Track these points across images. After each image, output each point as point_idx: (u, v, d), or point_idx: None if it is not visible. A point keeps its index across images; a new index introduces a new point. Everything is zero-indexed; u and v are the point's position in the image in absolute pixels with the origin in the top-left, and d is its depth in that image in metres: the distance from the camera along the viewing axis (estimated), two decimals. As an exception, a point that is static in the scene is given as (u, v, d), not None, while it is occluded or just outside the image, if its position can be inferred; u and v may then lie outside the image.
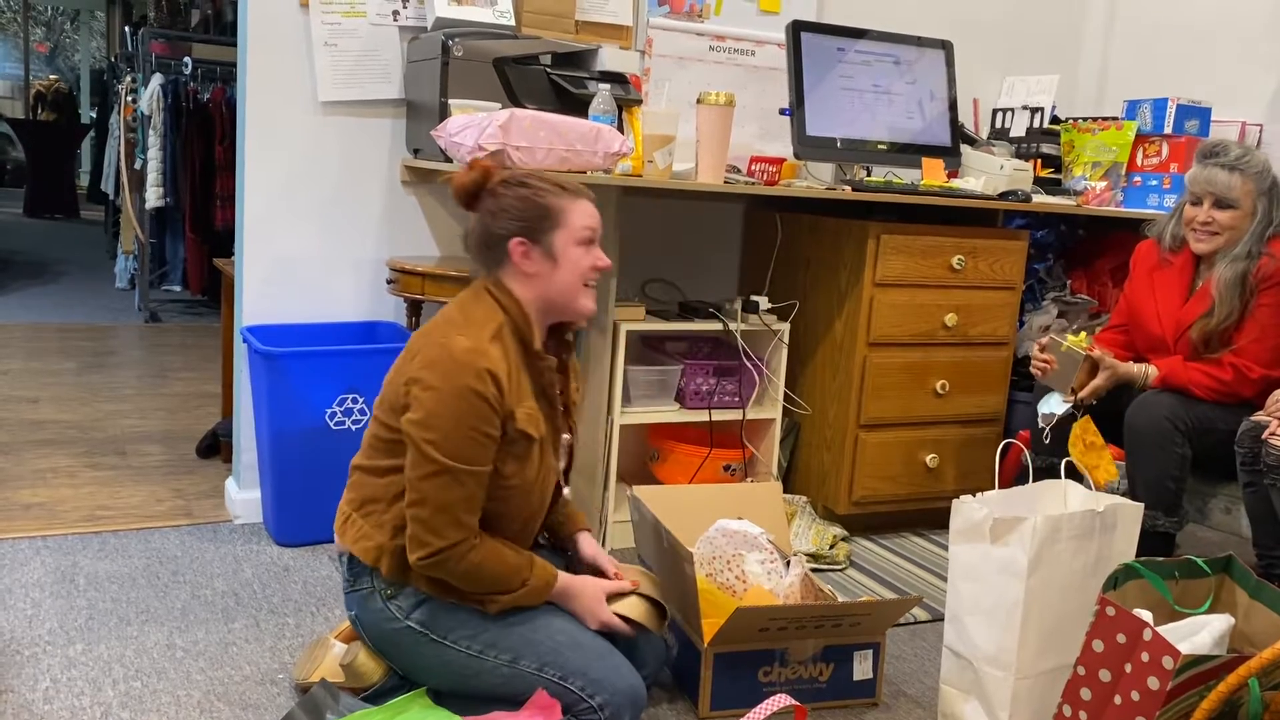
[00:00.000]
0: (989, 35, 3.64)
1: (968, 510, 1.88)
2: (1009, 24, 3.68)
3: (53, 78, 12.10)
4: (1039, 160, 3.38)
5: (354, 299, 2.85)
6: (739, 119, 3.02)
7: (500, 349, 1.73)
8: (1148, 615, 1.55)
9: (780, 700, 1.47)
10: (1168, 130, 3.23)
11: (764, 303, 2.88)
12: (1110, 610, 1.58)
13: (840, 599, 2.05)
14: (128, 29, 6.83)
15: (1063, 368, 2.54)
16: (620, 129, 2.56)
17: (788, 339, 2.90)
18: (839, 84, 2.97)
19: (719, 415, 2.84)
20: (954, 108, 3.15)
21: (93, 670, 1.99)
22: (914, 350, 2.93)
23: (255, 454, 2.78)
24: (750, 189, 2.70)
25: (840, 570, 2.74)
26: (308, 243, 2.78)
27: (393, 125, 2.81)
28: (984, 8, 3.62)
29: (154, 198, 5.44)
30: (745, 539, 2.19)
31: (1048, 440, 2.63)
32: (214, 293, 5.85)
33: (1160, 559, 1.75)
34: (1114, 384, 2.53)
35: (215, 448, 3.35)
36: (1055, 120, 3.46)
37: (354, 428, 2.62)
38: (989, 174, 3.08)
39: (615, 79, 2.61)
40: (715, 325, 2.80)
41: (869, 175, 3.05)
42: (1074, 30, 3.84)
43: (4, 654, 2.03)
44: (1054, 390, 2.60)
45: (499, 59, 2.50)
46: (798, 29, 2.92)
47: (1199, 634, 1.60)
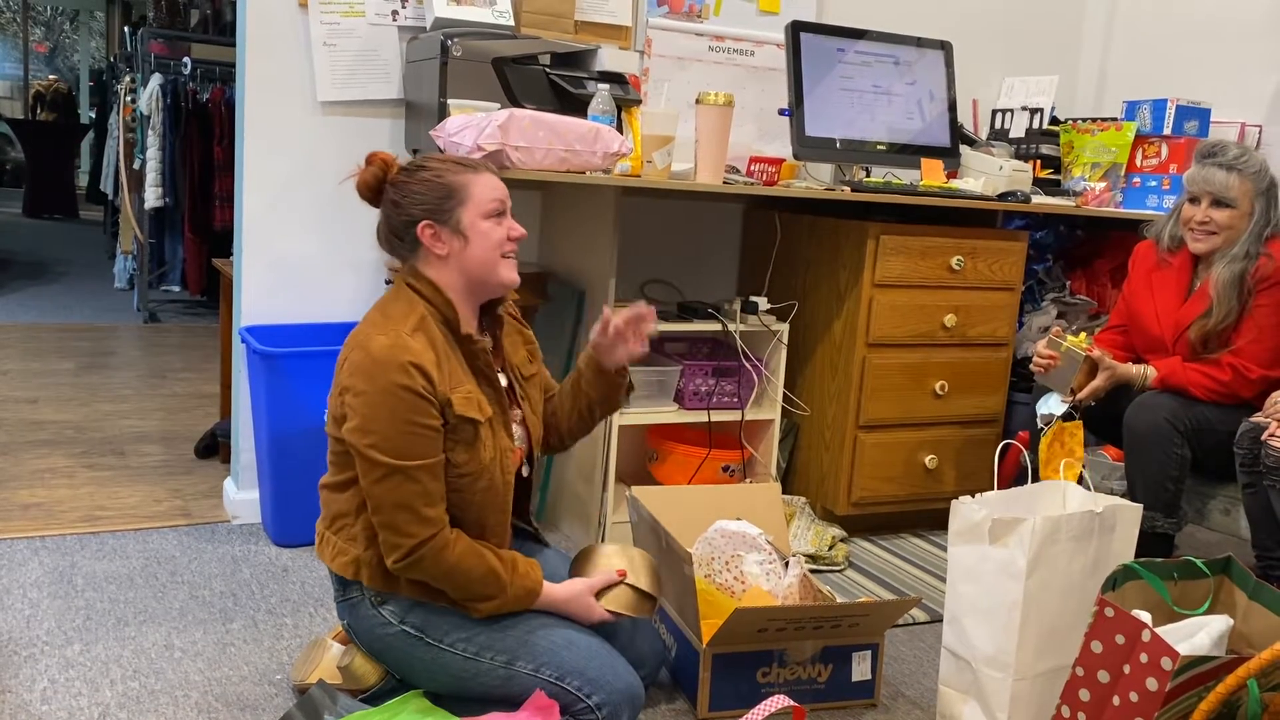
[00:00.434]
0: (988, 36, 3.64)
1: (966, 511, 1.88)
2: (1008, 25, 3.68)
3: (52, 78, 12.11)
4: (1038, 161, 3.38)
5: (353, 299, 2.85)
6: (738, 119, 3.02)
7: (423, 339, 1.72)
8: (1146, 616, 1.54)
9: (779, 701, 1.47)
10: (1167, 131, 3.23)
11: (763, 303, 2.88)
12: (1109, 611, 1.58)
13: (839, 600, 2.05)
14: (127, 29, 6.84)
15: (1062, 368, 2.54)
16: (619, 129, 2.56)
17: (787, 339, 2.90)
18: (838, 84, 2.97)
19: (718, 416, 2.84)
20: (953, 108, 3.15)
21: (90, 671, 1.99)
22: (913, 351, 2.93)
23: (254, 454, 2.77)
24: (749, 189, 2.70)
25: (839, 571, 2.74)
26: (307, 243, 2.78)
27: (391, 125, 2.81)
28: (983, 9, 3.62)
29: (153, 198, 5.44)
30: (744, 540, 2.18)
31: (1047, 441, 2.63)
32: (213, 293, 5.85)
33: (1159, 560, 1.74)
34: (1113, 385, 2.53)
35: (214, 448, 3.34)
36: (1054, 121, 3.46)
37: (352, 428, 2.61)
38: (988, 175, 3.08)
39: (614, 79, 2.61)
40: (714, 326, 2.80)
41: (868, 176, 3.05)
42: (1073, 31, 3.84)
43: (2, 654, 2.02)
44: (1053, 391, 2.60)
45: (498, 59, 2.50)
46: (797, 29, 2.92)
47: (1197, 635, 1.60)
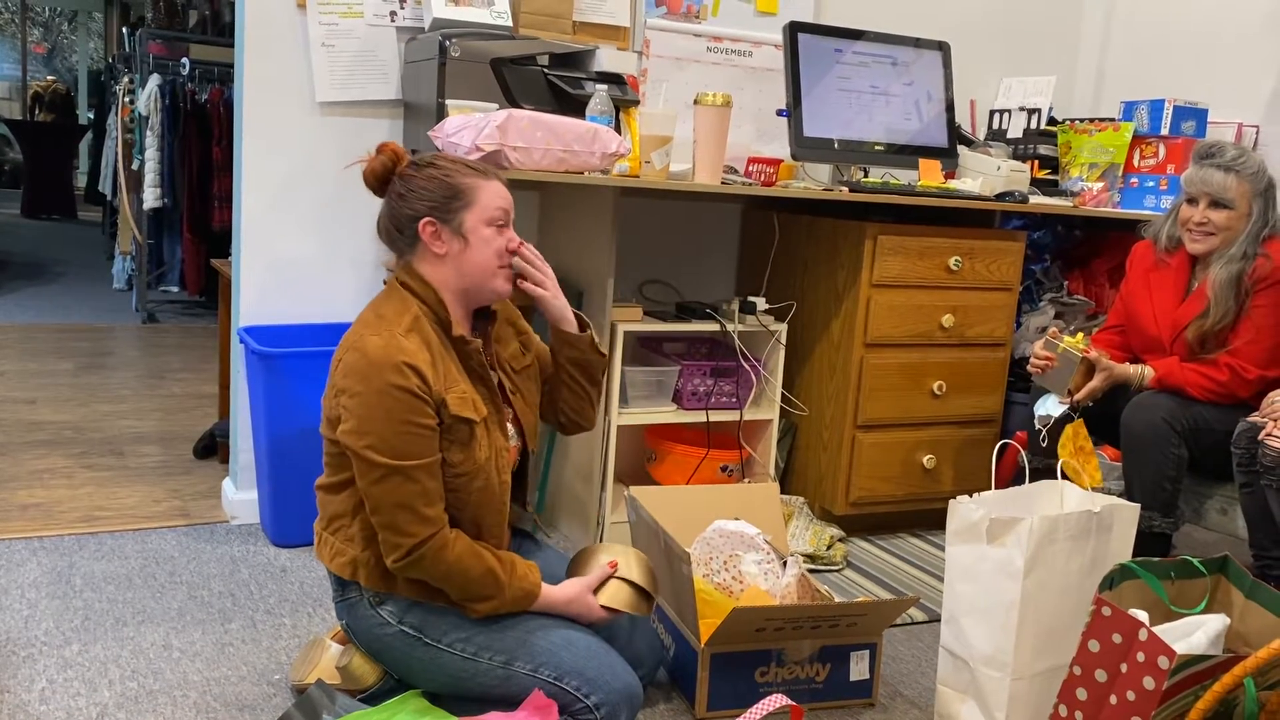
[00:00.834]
0: (986, 36, 3.64)
1: (964, 511, 1.88)
2: (1006, 25, 3.69)
3: (50, 78, 12.09)
4: (1036, 161, 3.38)
5: (351, 299, 2.85)
6: (736, 120, 3.02)
7: (417, 339, 1.71)
8: (1143, 615, 1.55)
9: (777, 700, 1.47)
10: (1164, 131, 3.23)
11: (761, 303, 2.88)
12: (1106, 610, 1.58)
13: (837, 599, 2.05)
14: (125, 30, 6.83)
15: (1059, 369, 2.54)
16: (617, 130, 2.56)
17: (785, 340, 2.91)
18: (836, 85, 2.98)
19: (716, 416, 2.84)
20: (951, 109, 3.16)
21: (89, 671, 1.99)
22: (911, 351, 2.93)
23: (252, 455, 2.77)
24: (747, 190, 2.71)
25: (837, 571, 2.74)
26: (305, 243, 2.78)
27: (390, 126, 2.81)
28: (981, 9, 3.62)
29: (151, 198, 5.44)
30: (742, 539, 2.19)
31: (1044, 442, 2.62)
32: (211, 293, 5.84)
33: (1156, 559, 1.75)
34: (1111, 385, 2.53)
35: (212, 448, 3.34)
36: (1052, 121, 3.46)
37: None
38: (986, 175, 3.08)
39: (612, 80, 2.61)
40: (712, 326, 2.80)
41: (866, 176, 3.05)
42: (1071, 31, 3.85)
43: (0, 654, 2.03)
44: (1051, 392, 2.60)
45: (496, 59, 2.50)
46: (795, 30, 2.92)
47: (1194, 634, 1.60)
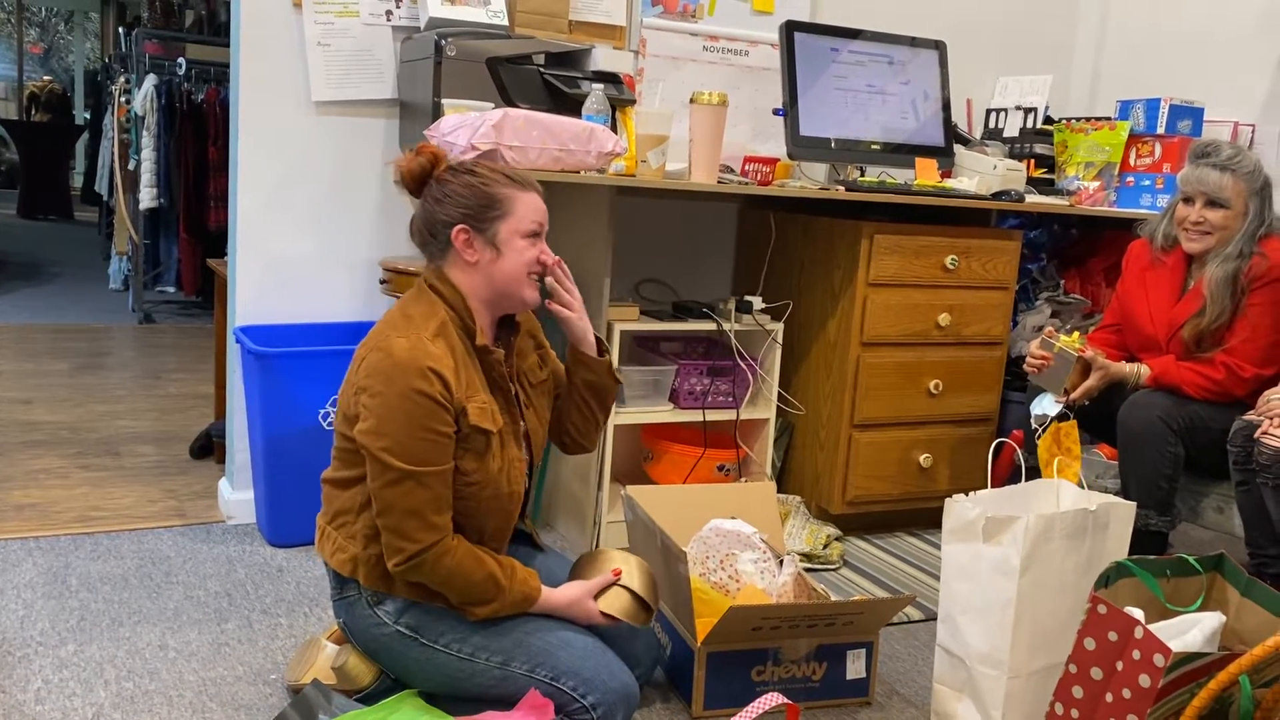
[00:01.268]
0: (983, 36, 3.64)
1: (961, 510, 1.88)
2: (1002, 24, 3.69)
3: (47, 79, 12.08)
4: (1032, 160, 3.39)
5: (347, 299, 2.85)
6: (732, 119, 3.02)
7: (444, 345, 1.70)
8: (1139, 613, 1.55)
9: (773, 699, 1.47)
10: (1160, 130, 3.24)
11: (758, 303, 2.88)
12: (1102, 608, 1.58)
13: (833, 598, 2.05)
14: (121, 30, 6.83)
15: (1055, 368, 2.54)
16: (614, 129, 2.56)
17: (781, 339, 2.91)
18: (832, 84, 2.98)
19: (713, 415, 2.84)
20: (947, 108, 3.16)
21: (85, 671, 1.99)
22: (907, 350, 2.93)
23: (248, 455, 2.77)
24: (744, 189, 2.71)
25: (834, 570, 2.74)
26: (301, 243, 2.78)
27: (386, 125, 2.81)
28: (977, 8, 3.62)
29: (148, 198, 5.43)
30: (739, 538, 2.19)
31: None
32: (207, 293, 5.84)
33: (1152, 557, 1.75)
34: (1107, 384, 2.53)
35: (208, 448, 3.34)
36: (1048, 120, 3.46)
37: (347, 428, 2.61)
38: (982, 174, 3.08)
39: (609, 79, 2.62)
40: (709, 325, 2.80)
41: (862, 175, 3.05)
42: (1067, 31, 3.85)
43: (-4, 655, 2.03)
44: (1047, 391, 2.60)
45: (492, 59, 2.50)
46: (791, 29, 2.92)
47: (1190, 632, 1.60)
